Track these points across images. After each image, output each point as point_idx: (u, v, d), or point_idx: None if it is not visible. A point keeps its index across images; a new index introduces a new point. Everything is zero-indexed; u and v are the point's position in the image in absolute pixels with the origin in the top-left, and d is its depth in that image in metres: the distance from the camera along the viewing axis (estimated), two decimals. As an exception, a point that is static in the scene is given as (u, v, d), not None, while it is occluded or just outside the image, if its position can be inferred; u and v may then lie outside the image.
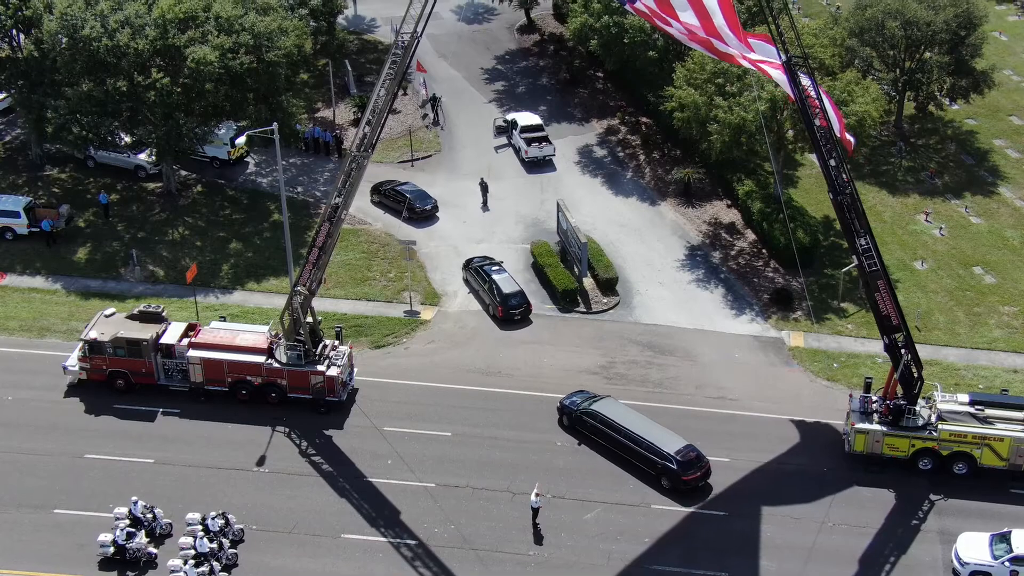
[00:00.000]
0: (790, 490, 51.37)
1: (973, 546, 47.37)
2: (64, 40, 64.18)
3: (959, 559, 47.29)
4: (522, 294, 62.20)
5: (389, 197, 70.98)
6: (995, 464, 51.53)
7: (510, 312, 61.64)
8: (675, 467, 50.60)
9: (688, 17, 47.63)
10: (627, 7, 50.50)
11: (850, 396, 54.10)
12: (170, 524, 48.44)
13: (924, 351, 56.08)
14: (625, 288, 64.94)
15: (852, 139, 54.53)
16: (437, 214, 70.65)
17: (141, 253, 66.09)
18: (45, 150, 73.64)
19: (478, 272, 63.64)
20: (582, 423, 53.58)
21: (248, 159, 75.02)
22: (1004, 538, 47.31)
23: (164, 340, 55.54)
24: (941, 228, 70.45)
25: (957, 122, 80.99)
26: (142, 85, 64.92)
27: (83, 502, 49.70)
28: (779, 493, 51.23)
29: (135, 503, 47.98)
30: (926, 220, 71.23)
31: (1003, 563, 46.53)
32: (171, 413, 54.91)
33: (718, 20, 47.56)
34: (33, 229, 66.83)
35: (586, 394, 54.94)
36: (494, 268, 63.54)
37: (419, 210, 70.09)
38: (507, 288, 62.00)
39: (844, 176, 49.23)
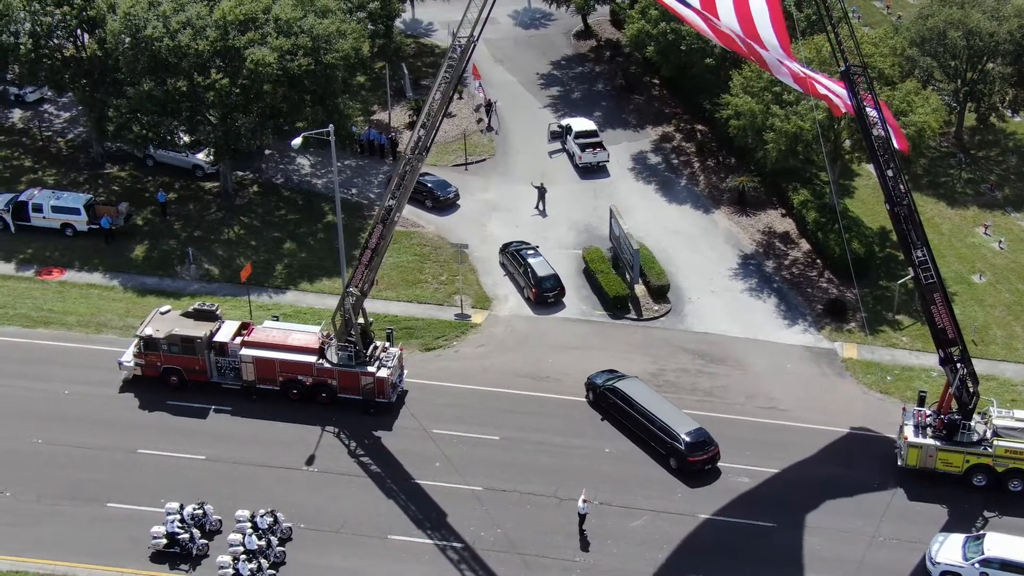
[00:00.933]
0: (840, 503, 50.83)
1: (947, 547, 47.35)
2: (127, 40, 65.10)
3: (931, 559, 47.24)
4: (556, 277, 63.86)
5: None
6: (1051, 482, 50.81)
7: (544, 294, 63.33)
8: (683, 448, 51.81)
9: (730, 21, 47.11)
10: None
11: (903, 409, 53.48)
12: (219, 521, 48.90)
13: (980, 366, 55.30)
14: (677, 296, 64.65)
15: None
16: (459, 202, 71.76)
17: (197, 251, 66.85)
18: (106, 148, 74.76)
19: (514, 256, 65.52)
20: (605, 399, 55.31)
21: (302, 154, 75.68)
22: (978, 540, 47.21)
23: (218, 338, 56.11)
24: (1000, 241, 69.43)
25: (1019, 134, 79.79)
26: (202, 85, 65.71)
27: (135, 497, 50.32)
28: (828, 506, 50.72)
29: (183, 508, 48.39)
30: (985, 233, 70.24)
31: (973, 564, 46.42)
32: (223, 411, 55.46)
33: (765, 32, 47.01)
34: (93, 226, 67.82)
35: (615, 373, 56.31)
36: (530, 252, 65.43)
37: (441, 198, 71.46)
38: (542, 271, 63.73)
39: (902, 187, 48.70)
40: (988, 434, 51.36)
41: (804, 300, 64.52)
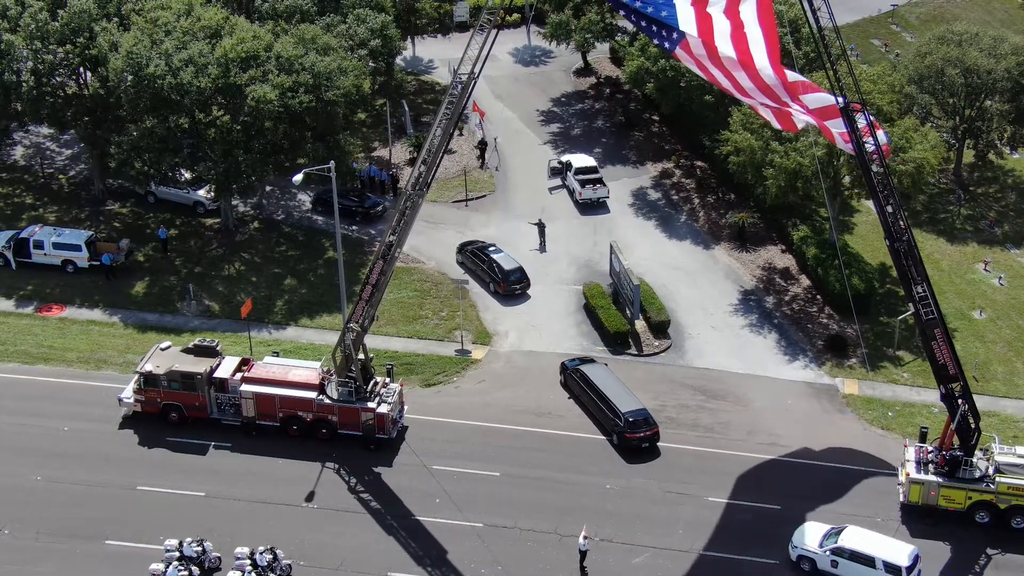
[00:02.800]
0: (842, 540, 50.60)
1: (809, 534, 49.36)
2: (129, 78, 65.47)
3: (793, 543, 49.21)
4: (521, 270, 67.11)
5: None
6: (1054, 519, 50.63)
7: (511, 287, 66.49)
8: (622, 424, 54.98)
9: (733, 66, 47.36)
10: (671, 51, 50.17)
11: (905, 445, 53.32)
12: (219, 558, 48.67)
13: (982, 402, 55.18)
14: (677, 331, 64.63)
15: (886, 142, 54.07)
16: (384, 216, 73.12)
17: (198, 288, 66.91)
18: (107, 185, 74.98)
19: (475, 254, 68.44)
20: (572, 380, 58.94)
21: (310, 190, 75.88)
22: (838, 532, 48.90)
23: (218, 374, 56.07)
24: (1000, 278, 69.50)
25: (1018, 171, 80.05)
26: (203, 122, 66.02)
27: (134, 534, 50.10)
28: (831, 543, 50.47)
29: (182, 545, 48.13)
30: (985, 269, 70.33)
31: (825, 552, 48.29)
32: (223, 447, 55.31)
33: (765, 71, 47.20)
34: (93, 263, 67.91)
35: (586, 359, 60.26)
36: (491, 248, 68.59)
37: (372, 213, 73.77)
38: (507, 265, 66.99)
39: (901, 223, 48.84)
40: (990, 470, 51.21)
41: (804, 336, 64.50)
